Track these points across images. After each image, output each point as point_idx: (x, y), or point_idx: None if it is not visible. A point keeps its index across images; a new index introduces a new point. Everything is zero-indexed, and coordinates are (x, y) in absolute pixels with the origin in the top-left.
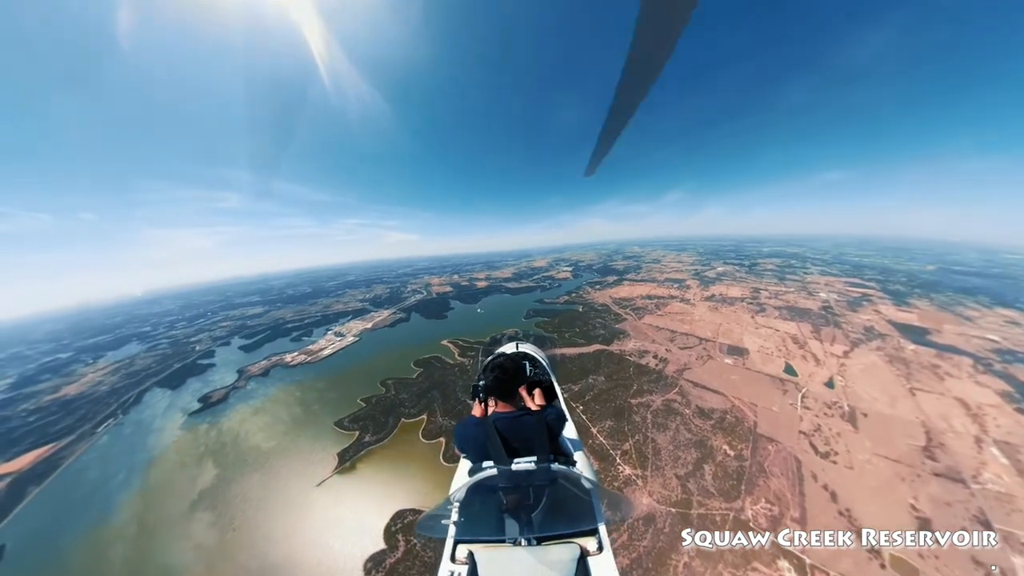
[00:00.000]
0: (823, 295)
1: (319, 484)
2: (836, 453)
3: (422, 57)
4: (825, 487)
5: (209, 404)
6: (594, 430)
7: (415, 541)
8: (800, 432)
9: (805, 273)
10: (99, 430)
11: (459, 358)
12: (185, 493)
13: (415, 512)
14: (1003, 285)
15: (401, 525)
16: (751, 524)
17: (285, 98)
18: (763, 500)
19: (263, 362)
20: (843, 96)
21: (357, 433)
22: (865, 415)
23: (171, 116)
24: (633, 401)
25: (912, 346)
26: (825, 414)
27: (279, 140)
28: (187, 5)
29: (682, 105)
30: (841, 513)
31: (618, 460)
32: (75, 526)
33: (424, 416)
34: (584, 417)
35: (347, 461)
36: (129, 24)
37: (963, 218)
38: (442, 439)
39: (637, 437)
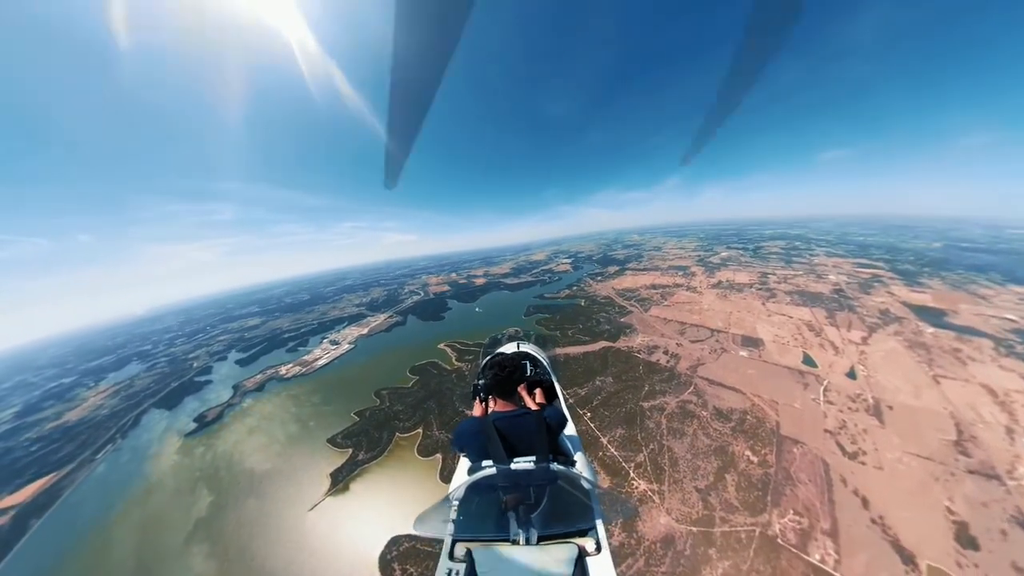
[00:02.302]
0: (833, 277)
1: (312, 508)
2: (864, 453)
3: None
4: (856, 492)
5: (204, 424)
6: (604, 440)
7: (412, 571)
8: (825, 431)
9: (811, 255)
10: (99, 456)
11: (456, 363)
12: (181, 523)
13: (411, 539)
14: (1013, 261)
15: (397, 553)
16: (779, 540)
17: (271, 106)
18: (791, 512)
19: (258, 376)
20: (840, 72)
21: (351, 451)
22: (891, 408)
23: (161, 131)
24: (645, 404)
25: (931, 329)
26: (849, 408)
27: (269, 147)
28: (176, 16)
29: (677, 87)
30: (874, 521)
31: (632, 474)
32: (74, 562)
33: (419, 430)
34: (592, 426)
35: (340, 482)
36: (113, 39)
37: (965, 194)
38: (439, 455)
39: (652, 446)
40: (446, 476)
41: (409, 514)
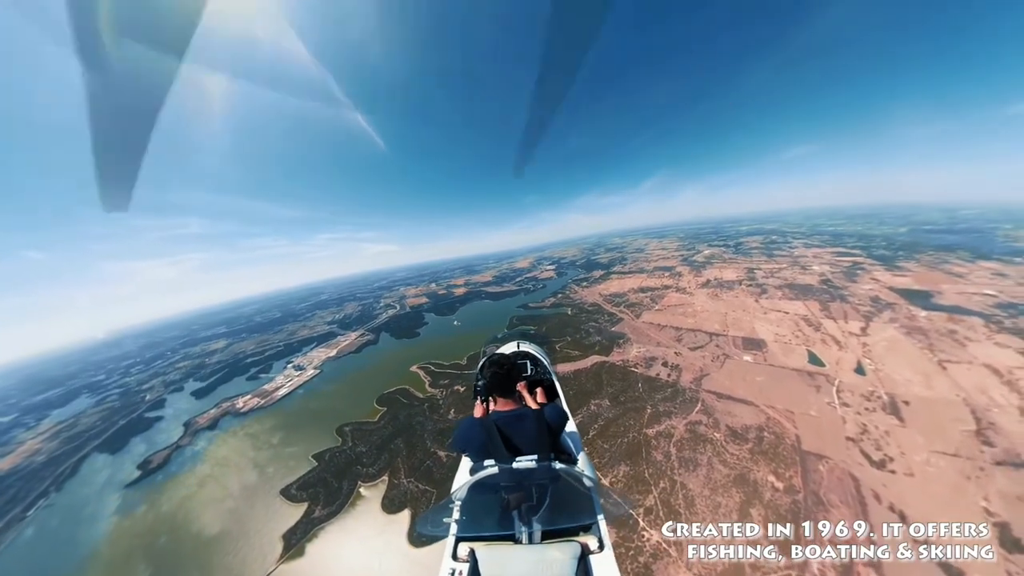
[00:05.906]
0: (817, 268)
1: None
2: (891, 459)
3: (385, 61)
4: (891, 507)
5: (149, 471)
6: (606, 482)
7: None
8: (848, 439)
9: (790, 247)
10: (29, 513)
11: (429, 389)
12: None
13: None
14: (974, 239)
15: None
16: None
17: (239, 110)
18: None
19: (212, 411)
20: (800, 74)
21: (306, 504)
22: (906, 403)
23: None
24: (650, 431)
25: (923, 313)
26: (866, 409)
27: (239, 155)
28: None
29: (651, 92)
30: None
31: (641, 523)
32: None
33: (385, 477)
34: (591, 464)
35: (294, 545)
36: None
37: (921, 181)
38: (407, 510)
39: (662, 484)
40: (417, 541)
41: None
